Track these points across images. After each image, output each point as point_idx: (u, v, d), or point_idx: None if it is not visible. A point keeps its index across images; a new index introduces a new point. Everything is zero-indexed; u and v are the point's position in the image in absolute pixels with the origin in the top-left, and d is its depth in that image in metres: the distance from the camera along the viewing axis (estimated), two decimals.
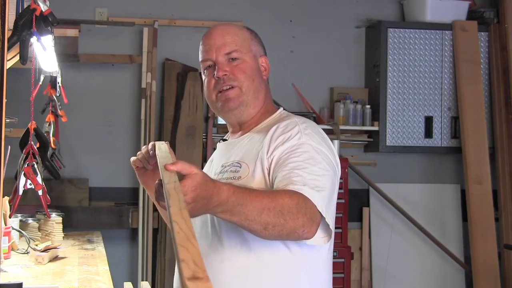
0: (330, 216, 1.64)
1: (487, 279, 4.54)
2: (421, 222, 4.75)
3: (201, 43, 1.91)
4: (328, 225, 1.65)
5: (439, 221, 4.88)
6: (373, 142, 4.80)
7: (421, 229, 4.74)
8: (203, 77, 1.90)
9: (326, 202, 1.63)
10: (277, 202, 1.53)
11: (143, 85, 4.56)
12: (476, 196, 4.63)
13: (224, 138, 1.98)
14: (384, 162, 4.91)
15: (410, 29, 4.75)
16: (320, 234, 1.64)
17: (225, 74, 1.83)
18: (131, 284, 2.86)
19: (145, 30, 4.60)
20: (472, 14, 4.86)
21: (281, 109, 1.93)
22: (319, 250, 1.75)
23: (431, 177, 4.98)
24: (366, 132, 4.83)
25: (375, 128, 4.72)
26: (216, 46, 1.85)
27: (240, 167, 1.77)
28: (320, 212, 1.59)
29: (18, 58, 1.98)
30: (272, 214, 1.51)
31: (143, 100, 4.53)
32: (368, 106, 4.76)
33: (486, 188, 4.64)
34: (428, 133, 4.76)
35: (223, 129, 4.42)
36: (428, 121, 4.76)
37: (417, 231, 4.77)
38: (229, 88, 1.83)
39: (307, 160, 1.66)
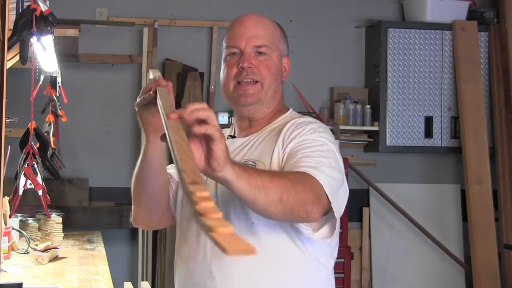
0: (336, 205, 1.61)
1: (487, 279, 4.54)
2: (421, 222, 4.75)
3: (229, 28, 1.85)
4: (333, 224, 1.64)
5: (439, 221, 4.88)
6: (373, 142, 4.80)
7: (421, 229, 4.74)
8: (223, 63, 1.83)
9: (333, 189, 1.60)
10: (287, 175, 1.53)
11: (143, 85, 4.56)
12: (476, 196, 4.63)
13: (231, 134, 1.90)
14: (384, 162, 4.91)
15: (410, 29, 4.75)
16: (325, 229, 1.63)
17: (250, 67, 1.77)
18: (131, 284, 2.86)
19: (145, 30, 4.60)
20: (472, 14, 4.86)
21: (291, 109, 1.90)
22: (326, 255, 1.74)
23: (431, 177, 4.98)
24: (366, 132, 4.83)
25: (375, 128, 4.72)
26: (247, 36, 1.79)
27: (255, 165, 1.72)
28: (326, 195, 1.57)
29: (18, 58, 1.98)
30: (284, 183, 1.48)
31: None
32: (368, 106, 4.76)
33: (486, 188, 4.64)
34: (428, 133, 4.76)
35: (222, 128, 4.41)
36: (428, 121, 4.76)
37: (417, 231, 4.77)
38: (250, 81, 1.78)
39: (317, 152, 1.65)
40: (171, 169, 1.86)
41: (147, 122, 1.66)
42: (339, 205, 1.65)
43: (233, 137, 1.88)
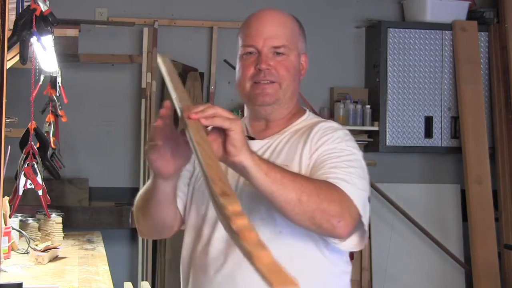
0: (366, 218, 1.57)
1: (487, 279, 4.54)
2: (421, 222, 4.75)
3: (246, 24, 1.76)
4: (362, 229, 1.58)
5: (439, 221, 4.88)
6: (373, 142, 4.80)
7: (421, 229, 4.74)
8: (238, 61, 1.76)
9: (363, 202, 1.56)
10: (313, 180, 1.48)
11: (143, 85, 4.56)
12: (476, 196, 4.63)
13: (249, 135, 1.79)
14: (384, 162, 4.91)
15: (410, 29, 4.75)
16: (354, 239, 1.58)
17: (268, 68, 1.70)
18: (131, 284, 2.86)
19: (145, 30, 4.60)
20: (472, 14, 4.86)
21: (308, 111, 1.84)
22: (347, 262, 1.72)
23: (431, 177, 4.98)
24: (366, 132, 4.83)
25: (375, 128, 4.72)
26: (265, 35, 1.71)
27: None
28: (358, 209, 1.52)
29: (18, 58, 1.98)
30: (307, 185, 1.44)
31: (143, 100, 4.53)
32: (368, 106, 4.76)
33: (486, 188, 4.64)
34: (428, 133, 4.76)
35: None
36: (428, 121, 4.76)
37: (417, 231, 4.77)
38: (268, 82, 1.71)
39: (346, 162, 1.60)
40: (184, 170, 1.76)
41: (154, 166, 1.52)
42: (367, 215, 1.61)
43: (251, 138, 1.77)
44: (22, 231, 3.20)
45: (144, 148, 1.68)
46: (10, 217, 2.98)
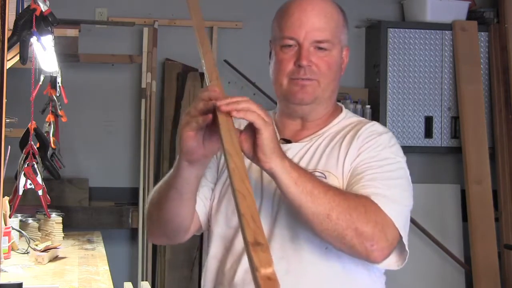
0: (406, 237, 1.45)
1: (487, 279, 4.54)
2: (421, 222, 4.75)
3: (286, 11, 1.59)
4: (402, 246, 1.47)
5: (439, 221, 4.88)
6: None
7: (421, 229, 4.74)
8: (274, 54, 1.61)
9: (404, 221, 1.45)
10: (348, 196, 1.38)
11: (143, 85, 4.56)
12: (476, 196, 4.63)
13: (284, 138, 1.63)
14: None
15: (410, 29, 4.75)
16: (393, 258, 1.48)
17: (310, 65, 1.55)
18: (131, 284, 2.86)
19: (145, 30, 4.60)
20: (472, 14, 4.85)
21: (344, 107, 1.72)
22: (385, 274, 1.63)
23: (431, 177, 4.98)
24: None
25: None
26: (307, 27, 1.55)
27: (326, 178, 1.52)
28: (398, 230, 1.41)
29: (18, 58, 1.98)
30: (339, 201, 1.34)
31: (143, 100, 4.53)
32: (368, 106, 4.75)
33: (486, 188, 4.64)
34: (428, 133, 4.76)
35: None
36: (428, 121, 4.76)
37: (417, 231, 4.77)
38: (307, 79, 1.57)
39: (388, 173, 1.48)
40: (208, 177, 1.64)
41: (186, 143, 1.36)
42: (407, 231, 1.49)
43: (287, 141, 1.62)
44: (22, 231, 3.20)
45: (179, 124, 1.49)
46: (10, 217, 2.98)
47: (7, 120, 2.43)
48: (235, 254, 1.55)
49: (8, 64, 1.80)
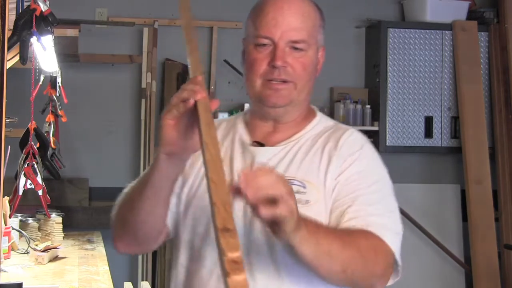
0: (399, 254, 1.46)
1: (487, 279, 4.54)
2: (421, 222, 4.75)
3: (261, 9, 1.52)
4: (397, 267, 1.48)
5: (439, 221, 4.88)
6: (373, 142, 4.70)
7: (421, 229, 4.74)
8: (246, 51, 1.54)
9: (399, 241, 1.45)
10: (359, 240, 1.33)
11: (143, 85, 4.56)
12: (476, 196, 4.63)
13: (258, 141, 1.55)
14: (384, 162, 4.89)
15: (410, 29, 4.75)
16: (390, 277, 1.49)
17: (285, 66, 1.48)
18: (131, 284, 2.86)
19: (145, 30, 4.60)
20: (472, 14, 4.86)
21: (318, 111, 1.64)
22: None
23: (431, 177, 4.98)
24: (366, 132, 4.76)
25: (375, 128, 4.72)
26: (283, 27, 1.48)
27: (305, 188, 1.45)
28: (396, 259, 1.43)
29: (18, 58, 1.98)
30: (353, 253, 1.30)
31: (143, 100, 4.53)
32: (368, 106, 4.76)
33: (486, 188, 4.64)
34: (428, 133, 4.76)
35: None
36: (428, 121, 4.76)
37: (417, 231, 4.77)
38: (282, 81, 1.49)
39: (378, 193, 1.46)
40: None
41: (167, 132, 1.31)
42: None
43: (260, 144, 1.54)
44: (22, 231, 3.20)
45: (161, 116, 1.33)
46: (10, 217, 2.98)
47: (7, 120, 2.43)
48: (207, 265, 1.46)
49: (8, 64, 1.80)
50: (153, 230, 1.52)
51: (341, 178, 1.45)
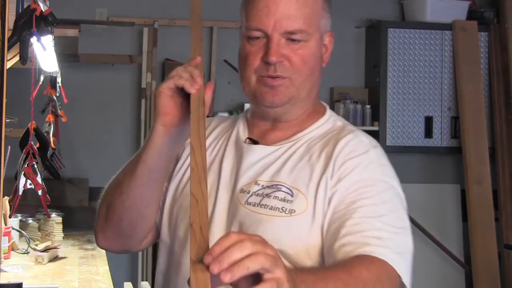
0: (408, 277, 1.23)
1: (487, 279, 4.54)
2: (421, 222, 4.75)
3: None
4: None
5: (439, 221, 4.88)
6: None
7: (421, 229, 4.74)
8: (241, 46, 1.37)
9: (410, 265, 1.23)
10: (358, 278, 1.11)
11: (143, 85, 4.56)
12: (476, 196, 4.63)
13: (252, 138, 1.40)
14: None
15: (410, 29, 4.75)
16: None
17: (280, 61, 1.30)
18: (131, 284, 2.86)
19: (145, 30, 4.60)
20: (472, 14, 4.86)
21: (328, 109, 1.46)
22: None
23: (431, 177, 4.98)
24: (366, 132, 4.81)
25: (375, 128, 4.72)
26: (276, 16, 1.29)
27: (293, 196, 1.28)
28: (404, 285, 1.20)
29: (18, 58, 1.98)
30: None
31: (143, 100, 4.53)
32: (368, 106, 4.76)
33: (486, 188, 4.64)
34: (428, 133, 4.76)
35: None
36: (428, 121, 4.76)
37: (417, 231, 4.77)
38: (278, 77, 1.32)
39: (384, 205, 1.25)
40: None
41: (164, 102, 1.22)
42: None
43: (254, 142, 1.39)
44: (22, 231, 3.20)
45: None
46: (10, 217, 2.98)
47: (7, 120, 2.43)
48: (185, 275, 1.29)
49: (8, 64, 1.80)
50: (140, 221, 1.38)
51: (339, 186, 1.27)
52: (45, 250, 2.87)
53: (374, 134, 4.76)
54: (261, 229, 1.24)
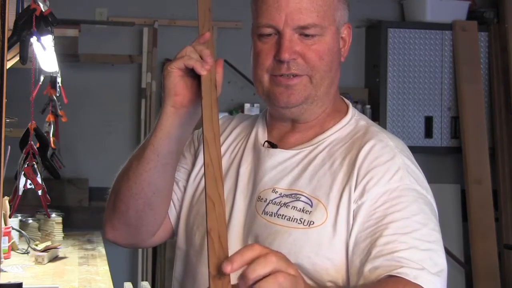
0: None
1: (487, 279, 4.54)
2: None
3: None
4: None
5: (439, 221, 4.86)
6: None
7: None
8: (252, 44, 1.30)
9: (445, 284, 1.20)
10: None
11: (143, 85, 4.56)
12: (476, 196, 4.63)
13: (270, 141, 1.32)
14: None
15: (410, 29, 4.75)
16: None
17: (294, 58, 1.23)
18: (131, 284, 2.86)
19: (145, 30, 4.60)
20: (472, 14, 4.86)
21: (351, 106, 1.37)
22: None
23: (431, 177, 4.92)
24: None
25: None
26: (288, 9, 1.22)
27: (312, 206, 1.20)
28: None
29: (18, 58, 1.98)
30: None
31: (143, 100, 4.53)
32: (368, 106, 4.76)
33: (486, 188, 4.64)
34: (428, 133, 4.76)
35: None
36: (428, 121, 4.76)
37: None
38: (293, 76, 1.25)
39: (415, 217, 1.16)
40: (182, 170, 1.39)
41: (174, 81, 1.18)
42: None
43: (273, 145, 1.31)
44: (22, 231, 3.20)
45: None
46: (10, 217, 2.98)
47: (7, 120, 2.43)
48: (200, 285, 1.27)
49: (8, 64, 1.80)
50: (148, 210, 1.31)
51: (365, 199, 1.17)
52: (45, 250, 2.87)
53: None
54: (277, 241, 1.18)
